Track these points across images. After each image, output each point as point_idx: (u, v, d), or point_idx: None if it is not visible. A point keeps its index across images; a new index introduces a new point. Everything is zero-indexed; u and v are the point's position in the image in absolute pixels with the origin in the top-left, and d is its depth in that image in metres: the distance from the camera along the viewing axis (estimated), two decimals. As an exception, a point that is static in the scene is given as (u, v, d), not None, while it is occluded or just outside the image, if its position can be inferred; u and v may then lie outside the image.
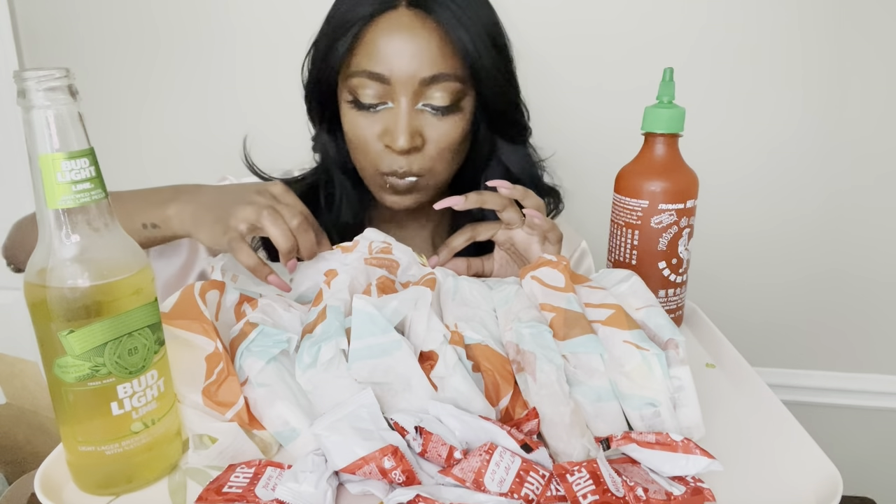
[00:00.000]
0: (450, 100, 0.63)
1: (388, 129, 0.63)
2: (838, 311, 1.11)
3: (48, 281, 0.34)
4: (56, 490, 0.38)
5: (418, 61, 0.60)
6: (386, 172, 0.65)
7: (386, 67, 0.61)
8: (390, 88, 0.62)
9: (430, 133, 0.64)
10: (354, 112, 0.64)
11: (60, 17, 1.09)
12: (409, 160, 0.64)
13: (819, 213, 1.05)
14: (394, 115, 0.62)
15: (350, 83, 0.63)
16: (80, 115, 0.34)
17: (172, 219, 0.56)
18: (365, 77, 0.61)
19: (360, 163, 0.67)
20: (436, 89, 0.62)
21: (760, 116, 1.02)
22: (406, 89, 0.61)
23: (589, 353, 0.43)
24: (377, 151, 0.65)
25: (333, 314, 0.44)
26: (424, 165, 0.65)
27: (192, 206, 0.56)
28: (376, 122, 0.64)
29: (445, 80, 0.62)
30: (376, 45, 0.61)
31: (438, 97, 0.62)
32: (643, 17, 0.99)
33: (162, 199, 0.58)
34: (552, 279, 0.50)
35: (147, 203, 0.58)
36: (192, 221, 0.56)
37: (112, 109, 1.12)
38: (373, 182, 0.68)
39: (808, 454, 0.41)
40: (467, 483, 0.36)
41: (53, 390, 0.36)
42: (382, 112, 0.63)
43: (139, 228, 0.58)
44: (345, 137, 0.67)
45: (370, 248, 0.55)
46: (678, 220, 0.58)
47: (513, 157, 0.71)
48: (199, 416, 0.42)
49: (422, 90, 0.62)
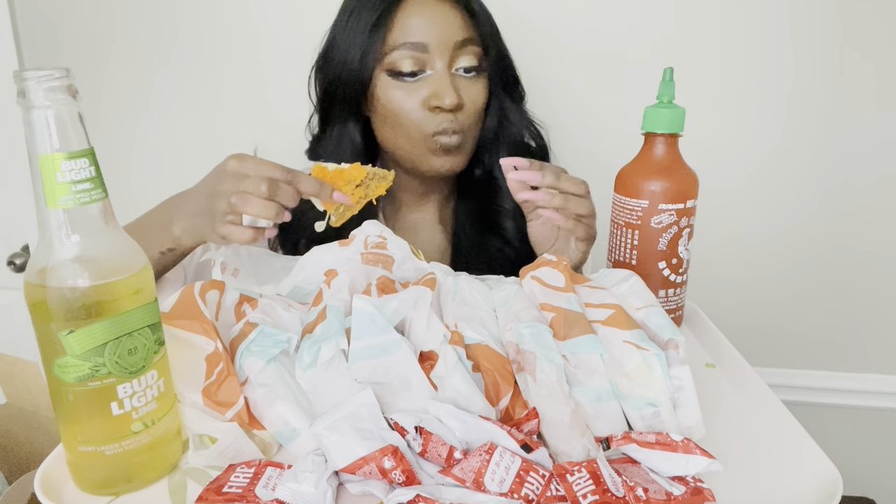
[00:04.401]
0: (476, 61, 0.71)
1: (434, 92, 0.70)
2: (838, 311, 1.11)
3: (48, 281, 0.34)
4: (56, 490, 0.38)
5: (450, 27, 0.69)
6: (437, 132, 0.71)
7: (423, 36, 0.68)
8: (429, 56, 0.69)
9: (465, 95, 0.71)
10: (395, 86, 0.70)
11: (60, 17, 1.09)
12: (456, 117, 0.71)
13: (819, 212, 1.05)
14: (436, 79, 0.70)
15: (389, 59, 0.69)
16: (80, 115, 0.34)
17: (182, 237, 0.59)
18: (406, 49, 0.68)
19: (405, 134, 0.72)
20: (465, 53, 0.70)
21: (761, 116, 1.01)
22: (443, 54, 0.69)
23: (589, 353, 0.43)
24: (423, 117, 0.71)
25: (333, 314, 0.44)
26: (465, 122, 0.72)
27: (189, 218, 0.58)
28: (419, 89, 0.70)
29: (471, 44, 0.70)
30: (410, 20, 0.68)
31: (467, 60, 0.71)
32: (643, 17, 0.99)
33: (162, 223, 0.60)
34: (552, 279, 0.50)
35: (152, 233, 0.61)
36: (196, 232, 0.58)
37: (112, 109, 1.12)
38: (421, 148, 0.73)
39: (808, 454, 0.41)
40: (467, 483, 0.36)
41: (53, 390, 0.36)
42: (422, 80, 0.70)
43: (158, 258, 0.60)
44: (379, 119, 0.73)
45: (366, 243, 0.56)
46: (678, 220, 0.58)
47: (516, 118, 0.78)
48: (199, 416, 0.42)
49: (455, 54, 0.70)
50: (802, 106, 1.00)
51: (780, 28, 0.97)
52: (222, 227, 0.54)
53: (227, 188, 0.54)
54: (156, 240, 0.60)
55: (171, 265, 0.63)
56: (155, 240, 0.60)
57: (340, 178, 0.57)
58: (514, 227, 0.79)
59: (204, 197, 0.57)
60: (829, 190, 1.04)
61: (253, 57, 1.07)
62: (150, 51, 1.09)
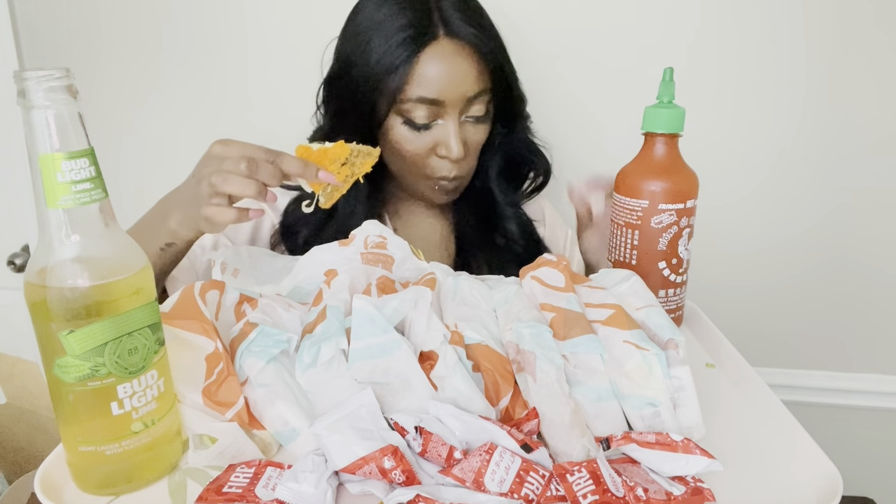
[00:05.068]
0: (485, 110, 0.72)
1: (441, 142, 0.71)
2: (839, 311, 1.11)
3: (48, 281, 0.34)
4: (56, 490, 0.38)
5: (465, 83, 0.69)
6: (438, 178, 0.74)
7: (438, 92, 0.68)
8: (442, 109, 0.70)
9: (470, 140, 0.73)
10: (407, 131, 0.71)
11: (60, 17, 1.09)
12: (459, 165, 0.73)
13: (820, 212, 1.05)
14: (446, 131, 0.71)
15: (403, 108, 0.70)
16: (80, 115, 0.34)
17: (178, 229, 0.59)
18: (420, 103, 0.69)
19: (409, 173, 0.75)
20: (476, 103, 0.71)
21: (761, 116, 1.01)
22: (455, 108, 0.70)
23: (589, 353, 0.43)
24: (428, 161, 0.73)
25: (333, 314, 0.44)
26: (468, 167, 0.75)
27: (182, 209, 0.58)
28: (428, 137, 0.71)
29: (483, 95, 0.71)
30: (427, 74, 0.68)
31: (477, 109, 0.72)
32: (643, 17, 0.99)
33: (159, 218, 0.60)
34: (552, 279, 0.50)
35: (151, 230, 0.61)
36: (190, 222, 0.58)
37: (112, 109, 1.12)
38: (420, 186, 0.76)
39: (808, 454, 0.41)
40: (467, 483, 0.36)
41: (53, 390, 0.36)
42: (434, 129, 0.71)
43: (159, 254, 0.61)
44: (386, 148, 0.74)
45: (366, 243, 0.56)
46: (678, 220, 0.58)
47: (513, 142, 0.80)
48: (199, 416, 0.42)
49: (466, 107, 0.71)
50: (804, 105, 1.00)
51: (782, 27, 0.97)
52: (206, 208, 0.54)
53: (209, 170, 0.55)
54: (155, 236, 0.60)
55: (174, 262, 0.63)
56: (154, 236, 0.60)
57: (325, 158, 0.57)
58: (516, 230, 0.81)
59: (191, 185, 0.57)
60: (829, 190, 1.04)
61: (257, 57, 1.07)
62: (150, 51, 1.09)
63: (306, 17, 1.03)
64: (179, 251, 0.62)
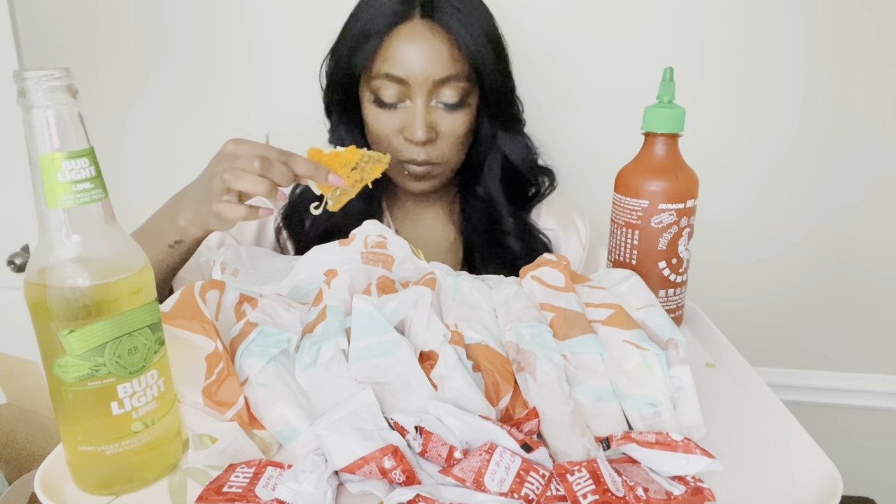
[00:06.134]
0: (458, 97, 0.72)
1: (406, 124, 0.72)
2: (839, 311, 1.11)
3: (48, 280, 0.34)
4: (56, 490, 0.38)
5: (432, 65, 0.69)
6: (405, 161, 0.74)
7: (404, 71, 0.69)
8: (408, 89, 0.70)
9: (442, 127, 0.73)
10: (377, 110, 0.73)
11: (60, 17, 1.09)
12: (425, 150, 0.73)
13: (820, 212, 1.05)
14: (411, 112, 0.71)
15: (372, 84, 0.71)
16: (80, 114, 0.34)
17: (186, 226, 0.60)
18: (385, 80, 0.70)
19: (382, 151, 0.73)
20: (446, 88, 0.71)
21: (761, 116, 1.01)
22: (421, 90, 0.70)
23: (589, 353, 0.43)
24: (397, 144, 0.74)
25: (333, 314, 0.44)
26: (438, 154, 0.74)
27: (192, 206, 0.59)
28: (396, 118, 0.72)
29: (454, 81, 0.71)
30: (395, 52, 0.69)
31: (449, 95, 0.71)
32: (644, 17, 0.99)
33: (168, 216, 0.61)
34: (552, 279, 0.50)
35: (160, 228, 0.62)
36: (199, 219, 0.59)
37: (113, 109, 1.12)
38: (393, 170, 0.76)
39: (808, 454, 0.41)
40: (467, 483, 0.36)
41: (53, 390, 0.36)
42: (401, 110, 0.72)
43: (167, 251, 0.61)
44: (366, 131, 0.76)
45: (366, 243, 0.56)
46: (678, 220, 0.58)
47: (510, 145, 0.80)
48: (199, 416, 0.42)
49: (435, 90, 0.71)
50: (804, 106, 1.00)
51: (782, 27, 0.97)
52: (217, 204, 0.55)
53: (221, 167, 0.55)
54: (164, 234, 0.61)
55: (182, 260, 0.64)
56: (163, 234, 0.61)
57: (336, 161, 0.58)
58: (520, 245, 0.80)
59: (203, 182, 0.58)
60: (830, 190, 1.04)
61: (258, 57, 1.07)
62: (150, 50, 1.09)
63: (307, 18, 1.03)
64: (188, 249, 0.62)
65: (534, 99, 0.82)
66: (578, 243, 0.86)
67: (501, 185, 0.81)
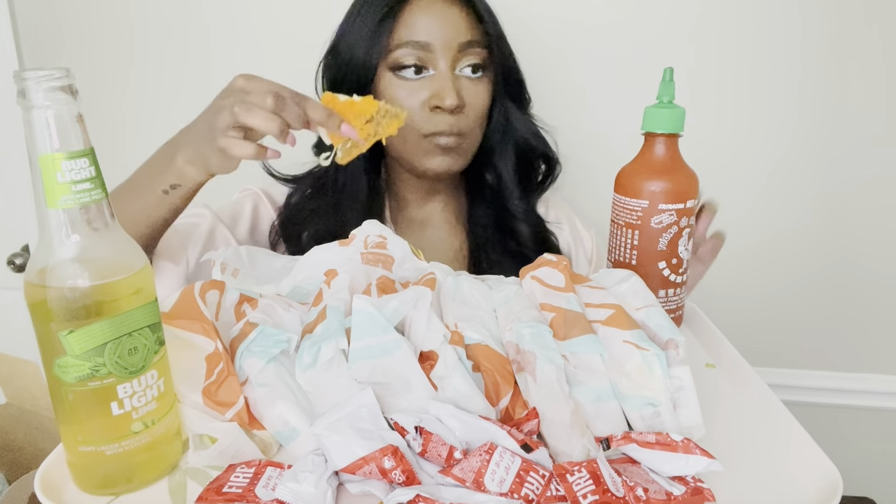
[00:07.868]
0: (480, 62, 0.72)
1: (435, 92, 0.70)
2: (839, 311, 1.11)
3: (48, 281, 0.34)
4: (56, 490, 0.38)
5: (456, 28, 0.70)
6: (434, 133, 0.71)
7: (428, 35, 0.69)
8: (432, 55, 0.70)
9: (468, 96, 0.72)
10: (397, 84, 0.71)
11: (60, 17, 1.09)
12: (456, 119, 0.71)
13: (820, 212, 1.05)
14: (439, 79, 0.70)
15: (392, 57, 0.70)
16: (80, 115, 0.34)
17: (185, 167, 0.56)
18: (409, 47, 0.69)
19: (401, 134, 0.71)
20: (469, 54, 0.71)
21: (761, 116, 1.02)
22: (446, 54, 0.70)
23: (589, 353, 0.43)
24: (422, 118, 0.71)
25: (333, 314, 0.43)
26: (465, 125, 0.73)
27: (192, 145, 0.55)
28: (420, 89, 0.71)
29: (476, 46, 0.71)
30: (417, 18, 0.69)
31: (471, 60, 0.71)
32: (643, 16, 0.99)
33: (165, 158, 0.57)
34: (552, 279, 0.50)
35: (155, 170, 0.58)
36: (200, 159, 0.55)
37: (112, 109, 1.12)
38: (417, 149, 0.73)
39: (808, 454, 0.41)
40: (467, 483, 0.36)
41: (53, 390, 0.36)
42: (425, 79, 0.71)
43: (161, 196, 0.57)
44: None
45: (366, 243, 0.56)
46: (678, 220, 0.58)
47: (522, 125, 0.79)
48: (199, 416, 0.42)
49: (458, 56, 0.70)
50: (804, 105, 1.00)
51: (781, 27, 0.97)
52: (222, 139, 0.52)
53: (230, 101, 0.52)
54: (158, 177, 0.57)
55: (176, 210, 0.59)
56: (158, 177, 0.57)
57: (350, 111, 0.55)
58: (529, 231, 0.80)
59: (208, 117, 0.54)
60: (830, 189, 1.04)
61: (259, 57, 1.07)
62: (150, 50, 1.09)
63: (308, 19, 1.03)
64: (184, 195, 0.58)
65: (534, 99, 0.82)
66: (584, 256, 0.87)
67: (513, 169, 0.80)
